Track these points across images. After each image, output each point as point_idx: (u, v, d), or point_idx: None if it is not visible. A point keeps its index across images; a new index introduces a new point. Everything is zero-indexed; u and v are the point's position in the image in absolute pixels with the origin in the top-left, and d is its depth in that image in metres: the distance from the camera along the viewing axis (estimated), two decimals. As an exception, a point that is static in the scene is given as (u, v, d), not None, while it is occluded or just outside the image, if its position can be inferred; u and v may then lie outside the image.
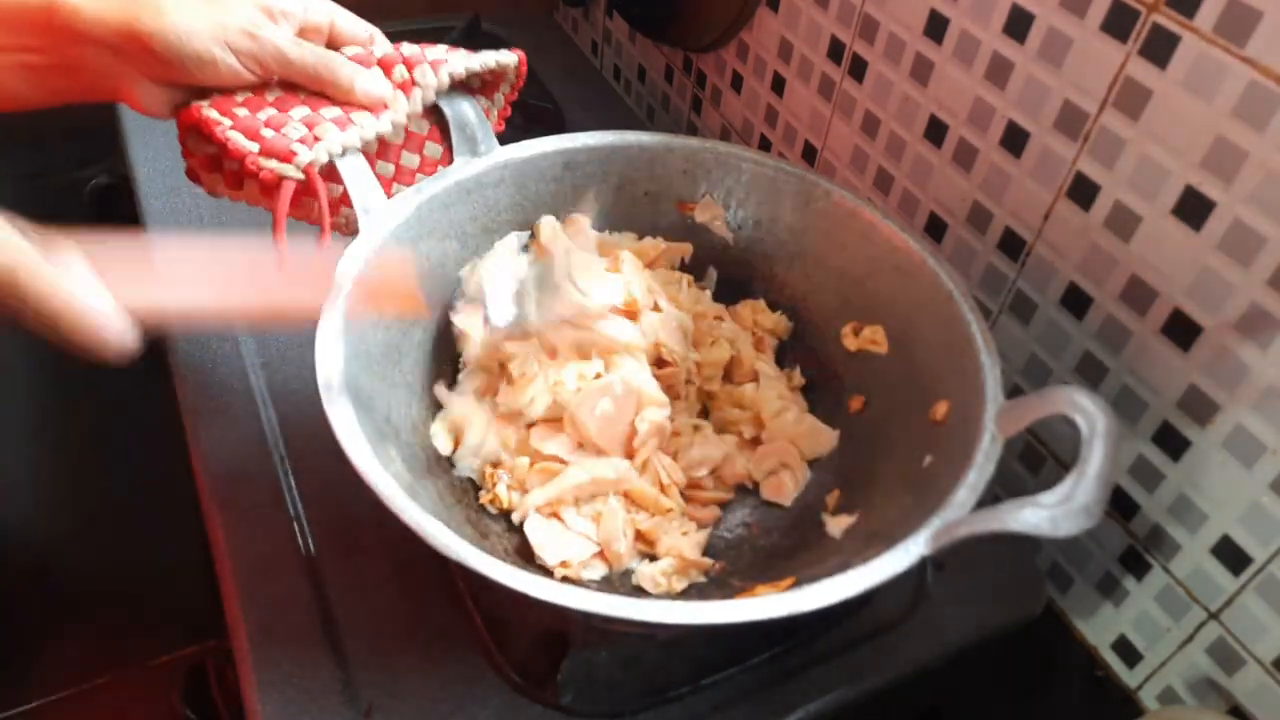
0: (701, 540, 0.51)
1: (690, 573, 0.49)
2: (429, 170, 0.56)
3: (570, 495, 0.50)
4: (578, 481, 0.49)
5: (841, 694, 0.50)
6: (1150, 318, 0.50)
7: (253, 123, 0.48)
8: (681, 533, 0.50)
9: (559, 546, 0.48)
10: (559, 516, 0.50)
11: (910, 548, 0.38)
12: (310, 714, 0.47)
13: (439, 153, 0.56)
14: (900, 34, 0.61)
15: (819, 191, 0.56)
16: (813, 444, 0.55)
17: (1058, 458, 0.57)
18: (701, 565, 0.49)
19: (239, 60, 0.48)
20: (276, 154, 0.47)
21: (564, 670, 0.48)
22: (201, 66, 0.47)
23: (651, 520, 0.50)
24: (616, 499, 0.50)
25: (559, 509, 0.50)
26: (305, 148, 0.48)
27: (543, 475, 0.50)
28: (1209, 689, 0.51)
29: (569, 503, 0.50)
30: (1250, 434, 0.46)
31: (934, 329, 0.50)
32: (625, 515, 0.50)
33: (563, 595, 0.36)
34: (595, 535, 0.49)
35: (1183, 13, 0.44)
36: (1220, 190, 0.45)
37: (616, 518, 0.49)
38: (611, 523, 0.49)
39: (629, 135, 0.58)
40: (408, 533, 0.37)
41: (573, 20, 1.09)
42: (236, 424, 0.60)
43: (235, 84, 0.49)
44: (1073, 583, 0.58)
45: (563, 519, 0.50)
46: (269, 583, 0.52)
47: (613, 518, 0.49)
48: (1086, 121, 0.50)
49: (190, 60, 0.47)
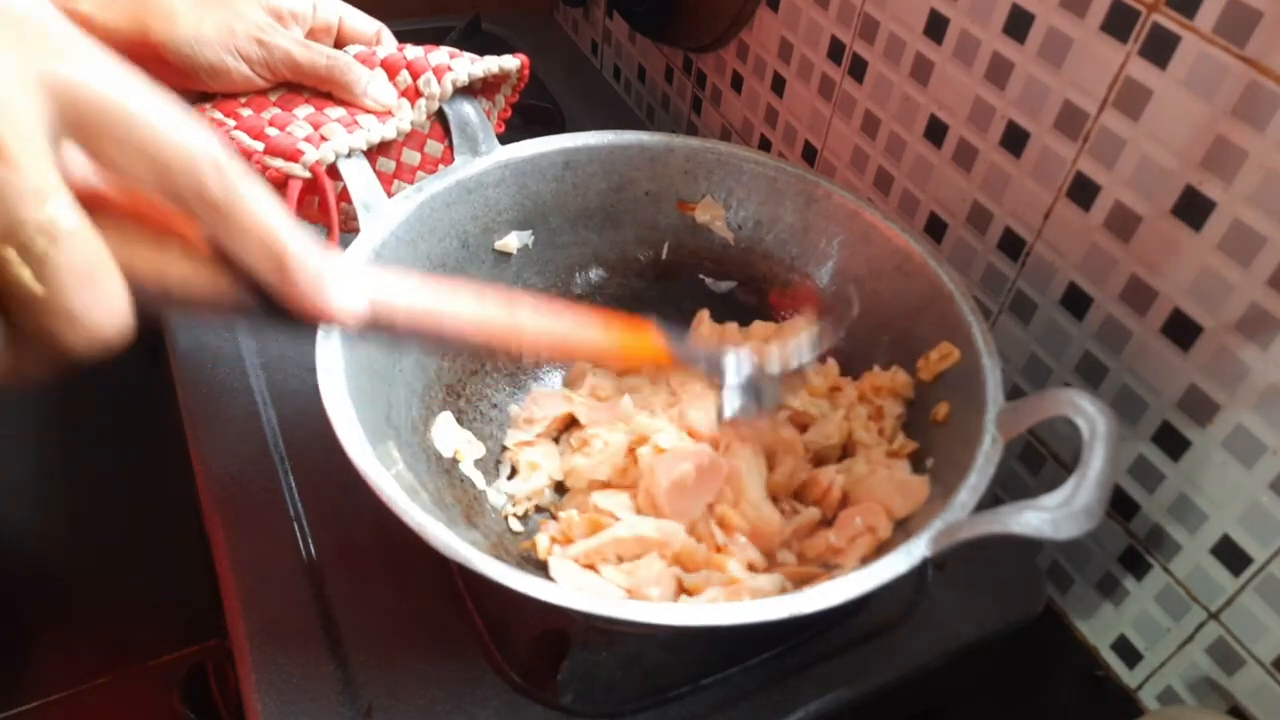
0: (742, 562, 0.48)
1: (743, 596, 0.45)
2: (430, 168, 0.56)
3: (611, 550, 0.46)
4: (619, 535, 0.46)
5: (841, 694, 0.50)
6: (1150, 318, 0.50)
7: (257, 122, 0.48)
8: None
9: (581, 581, 0.46)
10: (595, 569, 0.46)
11: (911, 550, 0.38)
12: (310, 714, 0.47)
13: (440, 150, 0.56)
14: (900, 34, 0.61)
15: (820, 192, 0.56)
16: (905, 501, 0.46)
17: (1058, 458, 0.57)
18: (748, 589, 0.45)
19: (250, 68, 0.48)
20: (283, 153, 0.48)
21: (564, 670, 0.48)
22: (215, 76, 0.48)
23: (698, 575, 0.46)
24: (659, 559, 0.46)
25: (597, 563, 0.46)
26: (312, 147, 0.48)
27: (589, 527, 0.48)
28: (1209, 689, 0.51)
29: (609, 559, 0.46)
30: (1250, 434, 0.46)
31: (935, 330, 0.50)
32: (665, 567, 0.46)
33: (563, 595, 0.36)
34: (625, 582, 0.46)
35: (1183, 13, 0.44)
36: (1220, 190, 0.45)
37: (652, 567, 0.46)
38: (645, 571, 0.46)
39: (629, 135, 0.58)
40: (408, 533, 0.37)
41: (573, 20, 1.09)
42: (236, 424, 0.60)
43: (246, 90, 0.49)
44: (1073, 583, 0.58)
45: (599, 571, 0.46)
46: (269, 583, 0.52)
47: (648, 567, 0.46)
48: (1086, 121, 0.50)
49: (204, 70, 0.47)
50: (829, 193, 0.56)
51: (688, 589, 0.46)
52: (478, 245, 0.56)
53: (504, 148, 0.55)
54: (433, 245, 0.53)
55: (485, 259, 0.57)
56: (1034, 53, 0.52)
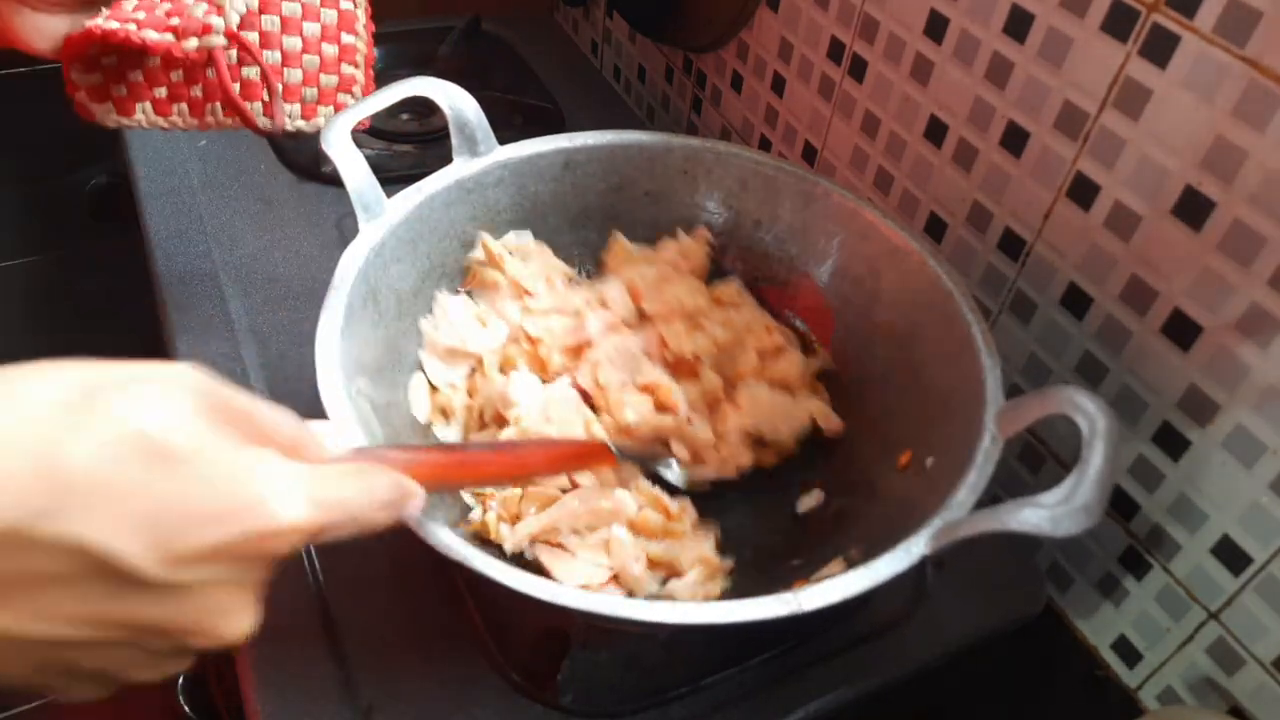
0: (712, 545, 0.50)
1: (718, 577, 0.48)
2: (347, 26, 0.55)
3: (565, 525, 0.47)
4: (573, 510, 0.47)
5: (841, 694, 0.50)
6: (1150, 318, 0.50)
7: (155, 18, 0.49)
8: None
9: (573, 570, 0.46)
10: (563, 546, 0.47)
11: (911, 548, 0.38)
12: (310, 714, 0.47)
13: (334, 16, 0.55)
14: (900, 34, 0.61)
15: (819, 191, 0.56)
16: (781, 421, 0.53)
17: (1058, 458, 0.57)
18: (724, 568, 0.48)
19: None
20: (192, 32, 0.49)
21: (564, 670, 0.48)
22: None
23: (662, 545, 0.48)
24: (620, 527, 0.48)
25: (558, 538, 0.47)
26: (216, 16, 0.50)
27: (537, 503, 0.48)
28: (1209, 689, 0.51)
29: (565, 532, 0.48)
30: (1250, 434, 0.46)
31: (934, 329, 0.50)
32: (634, 539, 0.48)
33: (563, 595, 0.36)
34: (607, 561, 0.47)
35: (1183, 13, 0.44)
36: (1220, 190, 0.45)
37: (625, 548, 0.47)
38: (621, 552, 0.47)
39: (628, 135, 0.58)
40: (408, 533, 0.37)
41: (573, 20, 1.09)
42: (236, 424, 0.59)
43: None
44: (1073, 583, 0.58)
45: (567, 548, 0.47)
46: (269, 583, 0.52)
47: (621, 548, 0.47)
48: (1086, 121, 0.50)
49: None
50: (828, 191, 0.56)
51: (658, 562, 0.48)
52: (476, 247, 0.56)
53: (503, 148, 0.55)
54: (432, 245, 0.53)
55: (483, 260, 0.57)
56: (1034, 53, 0.52)
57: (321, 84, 0.55)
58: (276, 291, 0.69)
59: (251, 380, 0.62)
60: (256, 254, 0.72)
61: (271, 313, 0.67)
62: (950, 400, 0.47)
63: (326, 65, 0.55)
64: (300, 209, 0.77)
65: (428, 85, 0.52)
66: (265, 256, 0.72)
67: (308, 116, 0.55)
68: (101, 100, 0.53)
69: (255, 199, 0.77)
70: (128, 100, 0.53)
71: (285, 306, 0.68)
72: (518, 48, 1.02)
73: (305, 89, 0.54)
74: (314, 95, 0.55)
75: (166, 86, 0.53)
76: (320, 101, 0.55)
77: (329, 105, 0.56)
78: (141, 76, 0.51)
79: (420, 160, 0.81)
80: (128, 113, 0.53)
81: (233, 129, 0.55)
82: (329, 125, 0.50)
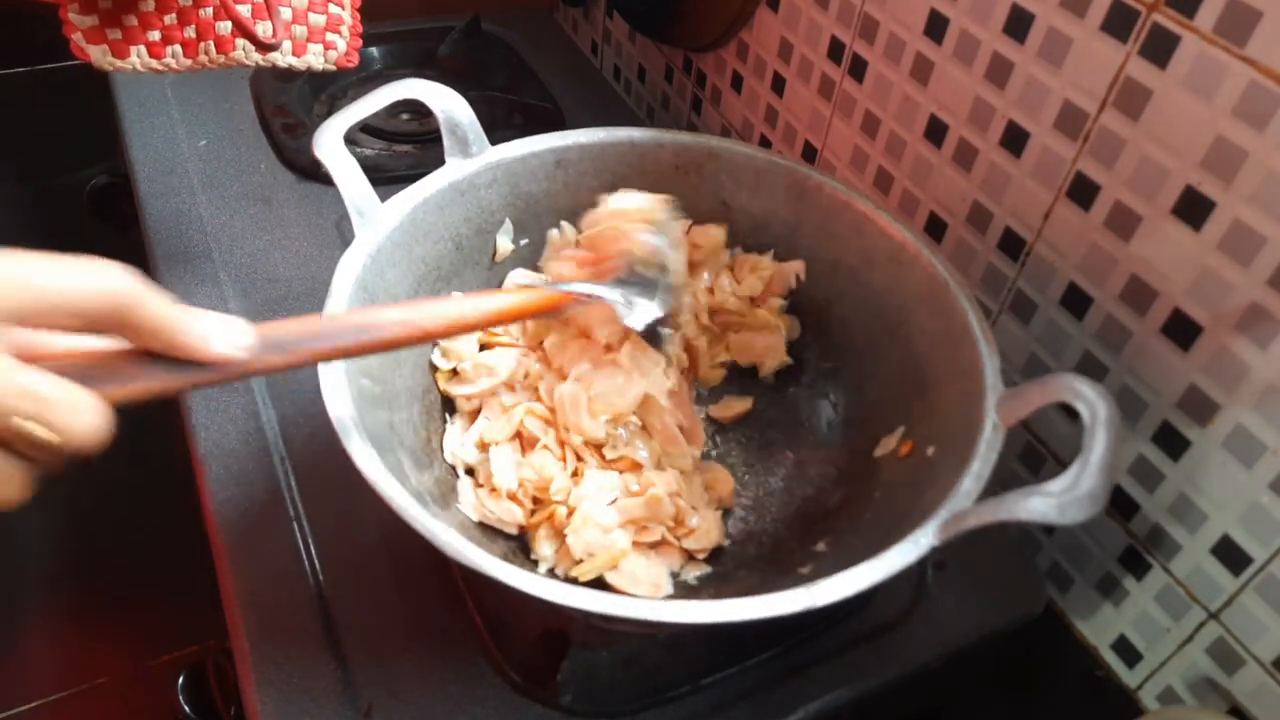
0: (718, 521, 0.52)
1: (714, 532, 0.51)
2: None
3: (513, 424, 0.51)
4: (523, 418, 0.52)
5: (841, 694, 0.50)
6: (1150, 318, 0.50)
7: None
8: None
9: (634, 577, 0.48)
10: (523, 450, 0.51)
11: (919, 539, 0.38)
12: (310, 714, 0.47)
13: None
14: (900, 34, 0.61)
15: (811, 184, 0.56)
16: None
17: (1058, 458, 0.57)
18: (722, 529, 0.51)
19: None
20: None
21: (564, 670, 0.48)
22: None
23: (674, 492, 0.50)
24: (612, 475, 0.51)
25: (499, 440, 0.51)
26: None
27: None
28: (1209, 689, 0.51)
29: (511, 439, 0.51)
30: (1250, 434, 0.46)
31: (931, 319, 0.50)
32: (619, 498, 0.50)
33: (563, 595, 0.36)
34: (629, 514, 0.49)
35: (1183, 13, 0.44)
36: (1220, 190, 0.45)
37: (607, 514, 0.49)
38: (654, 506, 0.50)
39: (620, 131, 0.58)
40: (409, 532, 0.37)
41: (573, 20, 1.09)
42: (236, 424, 0.60)
43: None
44: (1073, 583, 0.58)
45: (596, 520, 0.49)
46: (269, 583, 0.52)
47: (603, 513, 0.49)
48: (1086, 121, 0.50)
49: None
50: (820, 184, 0.56)
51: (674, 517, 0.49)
52: (471, 247, 0.56)
53: (495, 148, 0.55)
54: (427, 249, 0.53)
55: (479, 260, 0.57)
56: (1034, 53, 0.52)
57: (310, 22, 0.58)
58: (276, 291, 0.69)
59: (252, 380, 0.62)
60: (256, 254, 0.72)
61: (271, 313, 0.67)
62: (949, 389, 0.47)
63: (314, 4, 0.58)
64: (300, 209, 0.77)
65: (418, 88, 0.52)
66: (265, 256, 0.72)
67: (298, 54, 0.58)
68: (97, 43, 0.55)
69: (255, 199, 0.77)
70: (123, 44, 0.55)
71: (285, 306, 0.68)
72: (517, 47, 1.02)
73: (295, 26, 0.58)
74: (303, 33, 0.58)
75: (160, 30, 0.55)
76: (310, 39, 0.58)
77: (318, 43, 0.59)
78: (136, 20, 0.53)
79: (420, 160, 0.81)
80: (123, 55, 0.55)
81: (226, 66, 0.57)
82: (320, 131, 0.50)
